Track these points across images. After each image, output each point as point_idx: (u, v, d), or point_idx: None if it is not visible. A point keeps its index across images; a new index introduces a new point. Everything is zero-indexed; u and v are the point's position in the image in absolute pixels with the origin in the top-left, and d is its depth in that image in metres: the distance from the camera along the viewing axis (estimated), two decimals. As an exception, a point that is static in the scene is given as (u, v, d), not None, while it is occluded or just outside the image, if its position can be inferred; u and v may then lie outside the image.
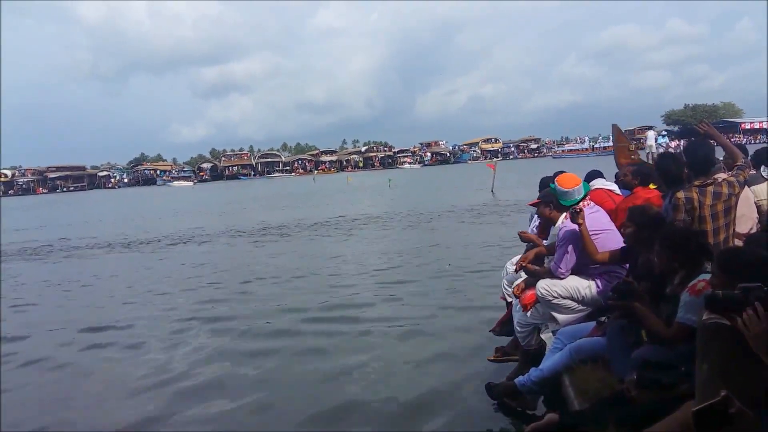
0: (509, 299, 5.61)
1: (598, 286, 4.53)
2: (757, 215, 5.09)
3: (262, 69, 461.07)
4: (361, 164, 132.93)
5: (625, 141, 29.06)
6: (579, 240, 4.49)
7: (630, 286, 3.44)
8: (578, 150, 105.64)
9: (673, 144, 27.24)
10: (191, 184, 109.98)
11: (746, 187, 4.75)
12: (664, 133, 31.74)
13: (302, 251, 14.96)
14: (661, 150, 27.71)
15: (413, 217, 21.10)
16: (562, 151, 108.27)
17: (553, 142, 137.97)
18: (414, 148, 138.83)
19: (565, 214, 4.78)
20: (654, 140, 27.79)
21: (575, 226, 4.51)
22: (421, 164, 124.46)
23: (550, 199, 4.95)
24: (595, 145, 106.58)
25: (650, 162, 28.77)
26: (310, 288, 10.15)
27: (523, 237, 5.83)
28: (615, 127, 26.74)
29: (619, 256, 4.33)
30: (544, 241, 5.41)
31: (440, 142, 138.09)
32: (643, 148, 27.18)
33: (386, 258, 12.86)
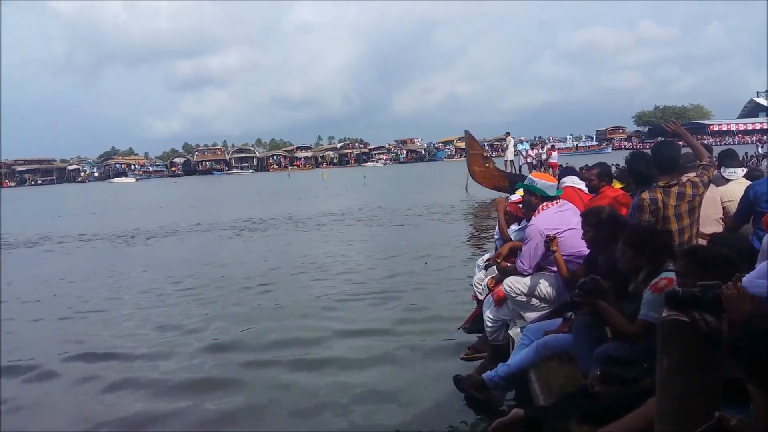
0: (480, 297, 5.66)
1: (559, 284, 4.59)
2: (722, 215, 5.21)
3: (238, 63, 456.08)
4: (336, 161, 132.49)
5: (479, 149, 28.80)
6: (543, 238, 4.55)
7: (596, 283, 3.48)
8: (562, 149, 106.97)
9: (533, 152, 26.64)
10: (133, 180, 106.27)
11: (712, 186, 4.85)
12: (522, 139, 31.62)
13: (271, 250, 14.86)
14: (521, 157, 26.76)
15: (387, 215, 21.10)
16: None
17: (526, 141, 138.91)
18: (389, 145, 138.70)
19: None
20: (513, 146, 27.08)
21: (537, 225, 4.60)
22: (385, 162, 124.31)
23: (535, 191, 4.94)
24: (579, 144, 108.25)
25: (508, 169, 27.92)
26: (278, 297, 9.45)
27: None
28: (467, 135, 26.41)
29: (585, 269, 4.32)
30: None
31: (416, 140, 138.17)
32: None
33: (360, 256, 12.86)
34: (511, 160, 26.48)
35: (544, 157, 26.00)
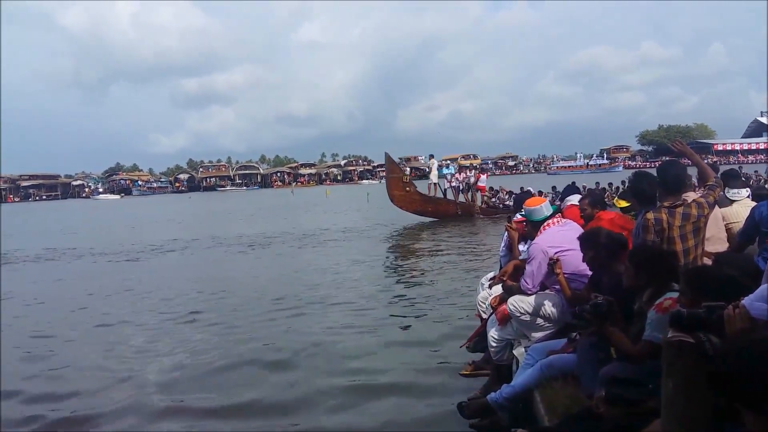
0: (484, 316, 5.63)
1: (563, 304, 4.57)
2: (726, 235, 5.20)
3: (244, 81, 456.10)
4: (339, 178, 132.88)
5: (398, 171, 28.67)
6: (546, 257, 4.57)
7: (611, 305, 3.43)
8: (573, 167, 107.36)
9: (461, 176, 25.82)
10: (118, 197, 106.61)
11: (716, 207, 4.84)
12: (448, 163, 30.84)
13: (273, 269, 14.83)
14: (445, 182, 26.19)
15: (391, 230, 21.09)
16: (557, 167, 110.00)
17: (531, 160, 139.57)
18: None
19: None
20: (437, 169, 26.20)
21: (540, 243, 4.62)
22: (380, 180, 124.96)
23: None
24: (590, 163, 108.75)
25: (431, 192, 27.44)
26: (273, 309, 9.51)
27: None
28: (387, 157, 26.36)
29: (589, 290, 4.29)
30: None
31: (419, 157, 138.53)
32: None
33: (363, 275, 12.81)
34: (435, 183, 25.83)
35: (472, 180, 25.66)
